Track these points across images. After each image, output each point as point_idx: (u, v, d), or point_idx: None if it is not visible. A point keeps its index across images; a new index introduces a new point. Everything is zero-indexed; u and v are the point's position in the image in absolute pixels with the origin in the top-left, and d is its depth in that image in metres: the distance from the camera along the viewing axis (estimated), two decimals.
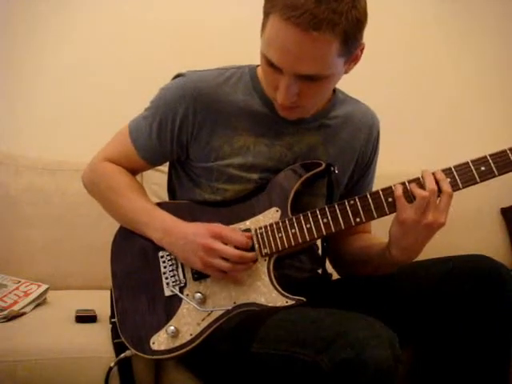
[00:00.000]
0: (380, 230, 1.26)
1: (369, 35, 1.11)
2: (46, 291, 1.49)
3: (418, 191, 1.07)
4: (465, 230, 1.98)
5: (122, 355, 1.16)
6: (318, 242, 1.35)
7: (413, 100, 2.25)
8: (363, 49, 1.12)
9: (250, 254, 1.12)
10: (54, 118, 2.00)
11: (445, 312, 1.14)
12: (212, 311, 1.13)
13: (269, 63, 1.08)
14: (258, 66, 1.24)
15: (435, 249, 1.32)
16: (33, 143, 1.96)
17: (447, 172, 1.09)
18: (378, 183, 1.29)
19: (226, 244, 1.12)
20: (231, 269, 1.11)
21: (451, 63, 2.30)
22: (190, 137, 1.23)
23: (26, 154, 1.85)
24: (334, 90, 1.28)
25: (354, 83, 1.32)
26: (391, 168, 1.38)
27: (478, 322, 1.11)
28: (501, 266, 1.13)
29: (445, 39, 2.29)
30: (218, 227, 1.14)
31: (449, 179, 1.08)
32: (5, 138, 1.94)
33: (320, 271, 1.31)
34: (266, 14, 1.06)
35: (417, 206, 1.06)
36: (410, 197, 1.08)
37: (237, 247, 1.12)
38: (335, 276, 1.37)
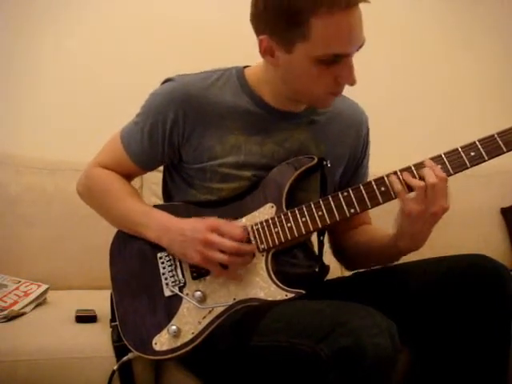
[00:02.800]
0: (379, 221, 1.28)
1: (367, 32, 1.12)
2: (46, 291, 1.49)
3: (414, 182, 1.08)
4: (465, 229, 1.98)
5: (125, 358, 1.16)
6: (314, 239, 1.35)
7: (408, 97, 2.25)
8: None
9: (247, 246, 1.14)
10: (54, 118, 2.00)
11: (444, 311, 1.14)
12: (212, 309, 1.13)
13: (329, 60, 1.08)
14: (244, 67, 1.27)
15: (435, 248, 1.33)
16: (33, 143, 1.96)
17: (438, 159, 1.10)
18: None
19: (223, 237, 1.13)
20: (230, 261, 1.12)
21: (448, 60, 2.30)
22: (181, 139, 1.24)
23: (26, 153, 1.85)
24: None
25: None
26: (385, 166, 1.39)
27: (477, 321, 1.11)
28: (500, 265, 1.14)
29: (443, 37, 2.30)
30: (214, 221, 1.15)
31: (439, 166, 1.09)
32: (5, 138, 1.95)
33: (317, 269, 1.32)
34: (301, 23, 1.05)
35: (418, 197, 1.08)
36: (406, 190, 1.10)
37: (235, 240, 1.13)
38: (333, 270, 1.37)
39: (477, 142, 1.09)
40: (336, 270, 1.47)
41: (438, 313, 1.15)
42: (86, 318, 1.34)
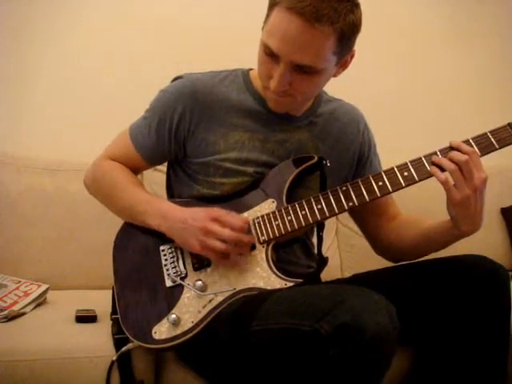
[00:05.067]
0: None
1: (368, 32, 1.13)
2: (46, 291, 1.49)
3: (447, 166, 1.11)
4: None
5: (124, 348, 1.17)
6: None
7: (406, 96, 2.26)
8: (353, 56, 1.20)
9: (246, 237, 1.16)
10: (55, 119, 2.00)
11: (443, 312, 1.15)
12: (212, 298, 1.15)
13: (267, 52, 1.13)
14: (249, 69, 1.32)
15: None
16: (33, 143, 1.96)
17: (466, 144, 1.13)
18: None
19: (223, 227, 1.14)
20: (228, 250, 1.14)
21: (446, 58, 2.31)
22: (187, 134, 1.27)
23: (26, 154, 1.85)
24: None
25: (350, 80, 1.34)
26: (385, 164, 1.40)
27: (477, 321, 1.12)
28: (499, 267, 1.14)
29: (440, 34, 2.30)
30: (215, 211, 1.17)
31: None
32: (6, 138, 1.95)
33: (315, 267, 1.32)
34: (271, 6, 1.12)
35: (457, 181, 1.10)
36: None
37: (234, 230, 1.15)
38: (333, 271, 1.37)
39: (470, 140, 1.14)
40: (336, 270, 1.47)
41: (437, 313, 1.16)
42: (86, 318, 1.34)
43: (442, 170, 1.12)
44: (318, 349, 0.95)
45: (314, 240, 1.35)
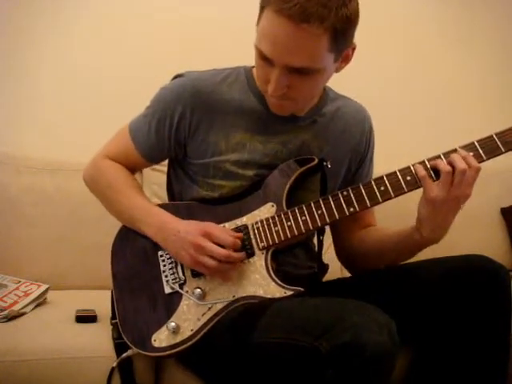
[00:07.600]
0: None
1: (369, 31, 1.12)
2: (46, 291, 1.49)
3: (442, 166, 1.09)
4: (465, 229, 1.96)
5: (125, 354, 1.17)
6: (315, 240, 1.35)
7: (408, 98, 2.26)
8: (354, 49, 1.16)
9: (236, 255, 1.14)
10: (55, 119, 2.00)
11: (444, 312, 1.14)
12: (212, 306, 1.14)
13: (261, 56, 1.11)
14: (252, 66, 1.28)
15: (435, 248, 1.32)
16: (33, 143, 1.96)
17: (471, 147, 1.11)
18: None
19: (214, 243, 1.13)
20: (218, 267, 1.13)
21: (448, 60, 2.31)
22: (187, 134, 1.26)
23: (26, 154, 1.85)
24: (325, 88, 1.31)
25: (352, 80, 1.33)
26: (384, 167, 1.40)
27: (477, 321, 1.12)
28: (500, 267, 1.14)
29: (442, 36, 2.30)
30: (208, 226, 1.16)
31: (472, 153, 1.10)
32: (6, 138, 1.95)
33: (316, 269, 1.32)
34: (262, 8, 1.10)
35: (443, 182, 1.09)
36: (432, 176, 1.11)
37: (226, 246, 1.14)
38: (333, 271, 1.37)
39: (475, 143, 1.11)
40: (336, 270, 1.47)
41: (437, 313, 1.15)
42: (85, 318, 1.34)
43: (437, 174, 1.10)
44: (316, 366, 0.95)
45: (315, 240, 1.35)
